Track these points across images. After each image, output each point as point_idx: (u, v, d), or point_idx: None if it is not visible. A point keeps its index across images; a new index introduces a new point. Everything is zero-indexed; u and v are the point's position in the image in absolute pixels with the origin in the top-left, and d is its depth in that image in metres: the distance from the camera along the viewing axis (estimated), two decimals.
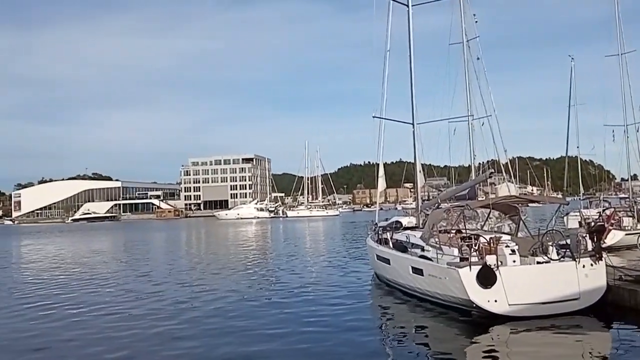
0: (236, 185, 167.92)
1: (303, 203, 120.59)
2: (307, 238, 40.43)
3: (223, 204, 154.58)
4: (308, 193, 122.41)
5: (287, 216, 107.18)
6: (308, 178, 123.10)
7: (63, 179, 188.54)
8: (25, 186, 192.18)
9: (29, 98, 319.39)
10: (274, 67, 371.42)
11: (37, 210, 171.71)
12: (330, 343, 9.08)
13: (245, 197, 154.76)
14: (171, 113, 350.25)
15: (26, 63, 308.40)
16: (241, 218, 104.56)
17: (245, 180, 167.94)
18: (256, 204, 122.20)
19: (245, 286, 15.87)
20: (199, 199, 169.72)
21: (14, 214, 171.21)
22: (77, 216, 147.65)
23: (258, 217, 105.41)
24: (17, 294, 16.14)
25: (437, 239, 12.24)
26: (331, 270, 18.80)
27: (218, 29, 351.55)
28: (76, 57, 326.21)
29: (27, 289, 17.25)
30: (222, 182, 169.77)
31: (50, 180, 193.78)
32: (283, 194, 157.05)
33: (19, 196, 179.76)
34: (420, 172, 18.31)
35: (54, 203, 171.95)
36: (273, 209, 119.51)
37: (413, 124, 17.92)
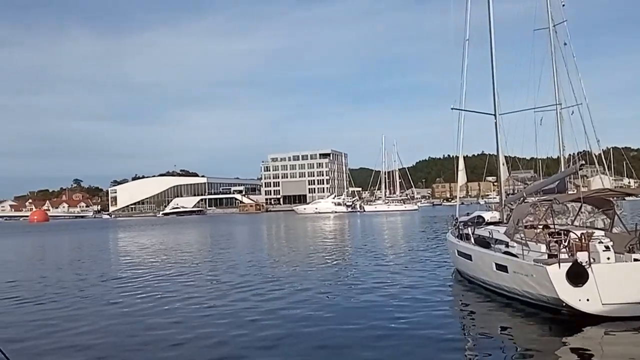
0: (314, 180, 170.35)
1: (380, 197, 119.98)
2: (385, 232, 40.24)
3: (301, 199, 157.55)
4: (385, 187, 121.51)
5: (364, 211, 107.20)
6: (385, 172, 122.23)
7: (154, 176, 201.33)
8: (120, 183, 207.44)
9: (122, 101, 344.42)
10: (351, 62, 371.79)
11: (131, 205, 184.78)
12: (410, 341, 8.93)
13: (323, 191, 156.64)
14: (252, 111, 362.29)
15: (119, 68, 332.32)
16: (319, 212, 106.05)
17: (322, 175, 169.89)
18: (334, 198, 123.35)
19: (323, 279, 16.11)
20: (279, 194, 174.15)
21: (111, 209, 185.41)
22: (167, 210, 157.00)
23: (336, 212, 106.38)
24: (115, 282, 17.52)
25: (522, 235, 11.76)
26: (410, 265, 18.61)
27: (295, 26, 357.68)
28: (163, 61, 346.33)
29: (124, 277, 18.68)
30: (300, 177, 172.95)
31: (143, 177, 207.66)
32: (360, 189, 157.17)
33: (115, 192, 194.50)
34: (503, 164, 17.63)
35: (146, 198, 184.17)
36: (350, 203, 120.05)
37: (495, 114, 17.27)
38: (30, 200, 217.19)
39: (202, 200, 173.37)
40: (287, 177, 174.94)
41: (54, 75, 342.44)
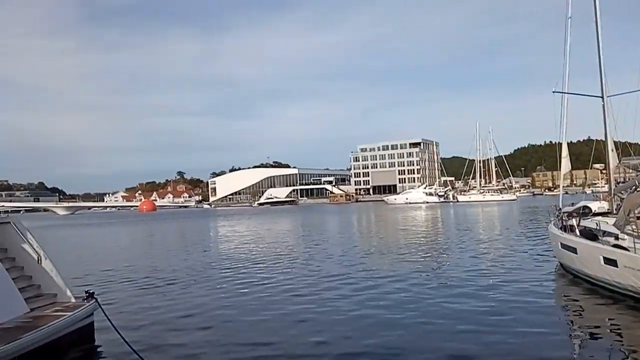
0: (404, 170, 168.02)
1: (475, 187, 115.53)
2: (481, 223, 38.84)
3: (391, 189, 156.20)
4: (480, 177, 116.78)
5: (457, 201, 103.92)
6: (480, 161, 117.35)
7: (249, 168, 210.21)
8: (219, 174, 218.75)
9: (219, 97, 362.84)
10: (442, 47, 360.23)
11: (229, 195, 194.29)
12: (511, 339, 8.57)
13: (414, 181, 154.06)
14: (341, 102, 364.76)
15: (217, 66, 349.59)
16: (410, 203, 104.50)
17: (413, 164, 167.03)
18: (425, 188, 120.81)
19: (416, 272, 16.01)
20: (368, 184, 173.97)
21: (211, 199, 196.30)
22: (261, 200, 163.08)
23: (427, 202, 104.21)
24: (217, 269, 18.71)
25: (634, 226, 10.90)
26: (509, 258, 17.90)
27: (385, 14, 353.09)
28: (256, 57, 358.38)
29: (226, 264, 19.88)
30: (390, 167, 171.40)
31: (239, 169, 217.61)
32: (453, 178, 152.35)
33: (214, 183, 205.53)
34: (612, 150, 16.30)
35: (243, 189, 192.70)
36: (443, 193, 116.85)
37: (602, 96, 15.99)
38: (139, 192, 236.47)
39: (294, 190, 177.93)
40: (376, 167, 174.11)
41: (159, 76, 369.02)
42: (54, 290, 9.81)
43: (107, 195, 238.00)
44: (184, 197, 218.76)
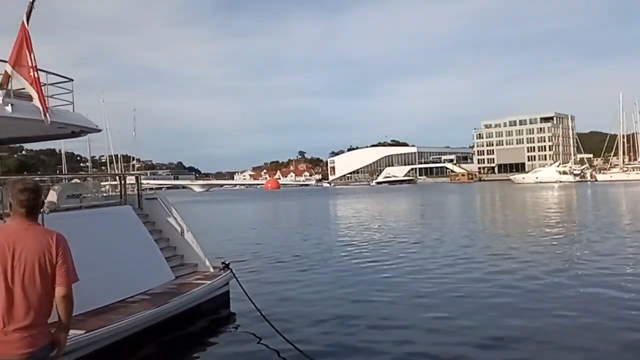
0: (533, 147, 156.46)
1: (617, 165, 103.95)
2: (624, 206, 34.83)
3: (519, 167, 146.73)
4: (623, 153, 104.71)
5: (596, 180, 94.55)
6: (624, 136, 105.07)
7: (367, 147, 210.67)
8: (337, 154, 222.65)
9: (338, 76, 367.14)
10: (581, 12, 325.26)
11: (347, 174, 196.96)
12: None
13: (545, 159, 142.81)
14: (463, 76, 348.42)
15: (334, 45, 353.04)
16: (540, 182, 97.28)
17: (544, 141, 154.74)
18: (558, 166, 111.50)
19: (551, 261, 14.79)
20: (493, 162, 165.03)
21: (330, 178, 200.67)
22: (379, 179, 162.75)
23: (560, 181, 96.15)
24: (342, 247, 19.01)
25: None
26: None
27: None
28: (376, 34, 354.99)
29: (351, 241, 20.10)
30: (517, 144, 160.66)
31: (357, 148, 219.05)
32: (591, 155, 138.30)
33: (333, 162, 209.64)
34: None
35: (361, 168, 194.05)
36: (579, 172, 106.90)
37: None
38: (265, 170, 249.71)
39: (412, 169, 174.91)
40: (502, 145, 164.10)
41: (282, 59, 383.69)
42: (195, 260, 10.69)
43: (237, 173, 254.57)
44: (304, 175, 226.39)
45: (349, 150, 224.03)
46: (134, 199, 10.93)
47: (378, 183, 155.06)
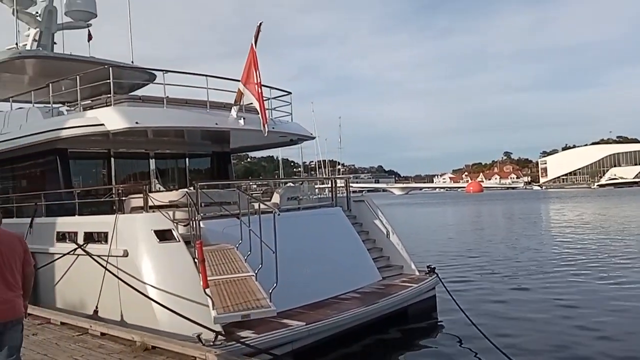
0: None
1: None
2: None
3: None
4: None
5: None
6: None
7: (586, 145, 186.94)
8: (550, 153, 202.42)
9: (549, 68, 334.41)
10: None
11: (562, 176, 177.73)
12: None
13: None
14: None
15: (543, 37, 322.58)
16: None
17: None
18: None
19: None
20: None
21: (541, 180, 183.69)
22: (602, 181, 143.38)
23: None
24: (557, 260, 17.12)
25: None
26: None
27: None
28: (596, 17, 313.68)
29: (568, 253, 18.03)
30: None
31: (574, 147, 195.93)
32: None
33: (545, 163, 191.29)
34: None
35: (579, 169, 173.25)
36: None
37: None
38: (466, 173, 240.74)
39: None
40: None
41: (486, 54, 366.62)
42: (400, 262, 10.77)
43: (436, 176, 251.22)
44: (511, 178, 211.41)
45: (563, 149, 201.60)
46: (343, 200, 11.54)
47: (600, 186, 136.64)
